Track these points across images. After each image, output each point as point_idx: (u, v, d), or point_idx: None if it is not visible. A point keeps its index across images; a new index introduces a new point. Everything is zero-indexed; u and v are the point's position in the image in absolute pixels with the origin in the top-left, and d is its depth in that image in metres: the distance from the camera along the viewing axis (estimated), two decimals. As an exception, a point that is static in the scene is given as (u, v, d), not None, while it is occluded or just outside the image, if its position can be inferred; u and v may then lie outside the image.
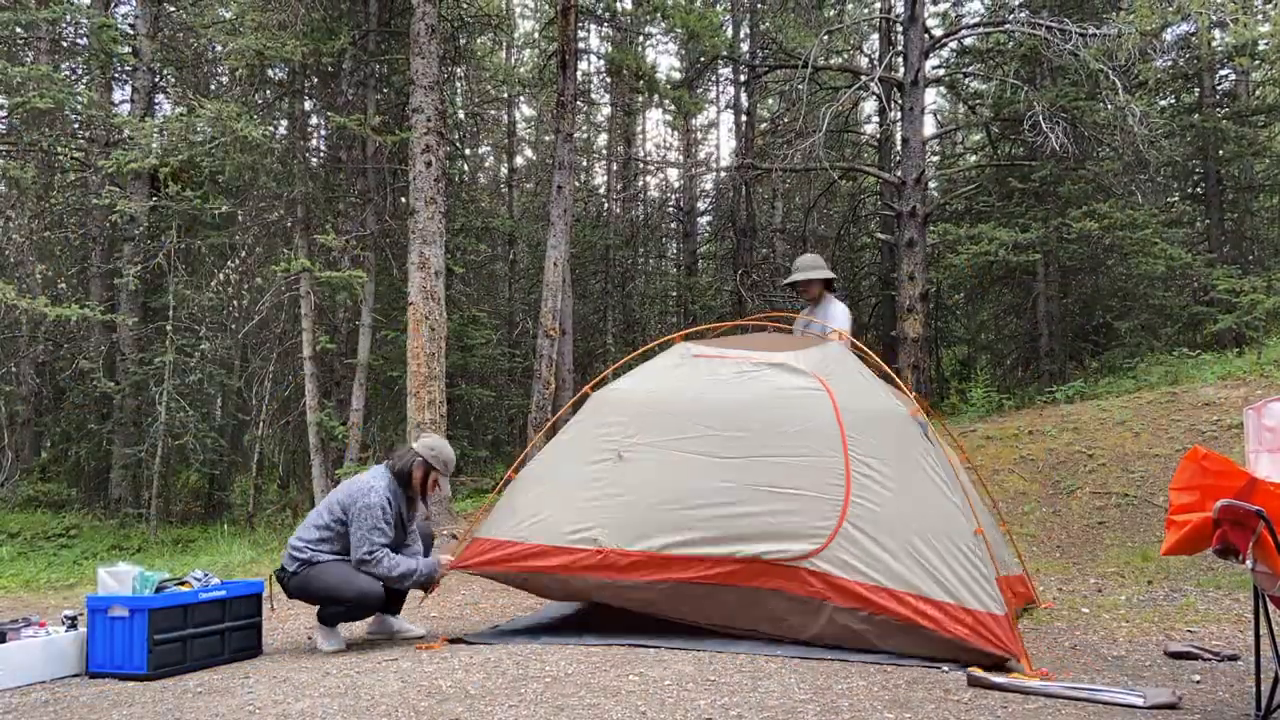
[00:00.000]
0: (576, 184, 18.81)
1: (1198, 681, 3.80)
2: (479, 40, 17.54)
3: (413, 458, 4.95)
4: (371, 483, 4.81)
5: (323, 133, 15.21)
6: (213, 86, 14.64)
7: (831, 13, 16.30)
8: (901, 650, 4.11)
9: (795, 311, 6.84)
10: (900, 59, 13.90)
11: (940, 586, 4.08)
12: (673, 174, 23.92)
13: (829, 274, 6.13)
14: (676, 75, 21.07)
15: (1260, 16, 13.73)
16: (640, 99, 20.73)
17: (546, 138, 21.34)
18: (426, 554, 5.13)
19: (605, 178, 23.59)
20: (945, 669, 3.92)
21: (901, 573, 4.14)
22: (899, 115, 14.85)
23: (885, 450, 4.47)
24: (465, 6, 13.84)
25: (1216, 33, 14.47)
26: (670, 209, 23.03)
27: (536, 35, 21.60)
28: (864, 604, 4.15)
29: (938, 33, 15.39)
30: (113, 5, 14.67)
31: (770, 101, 21.14)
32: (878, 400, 4.79)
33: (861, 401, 4.71)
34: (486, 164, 22.99)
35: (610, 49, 18.14)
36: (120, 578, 4.53)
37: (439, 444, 5.07)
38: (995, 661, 3.90)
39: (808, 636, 4.32)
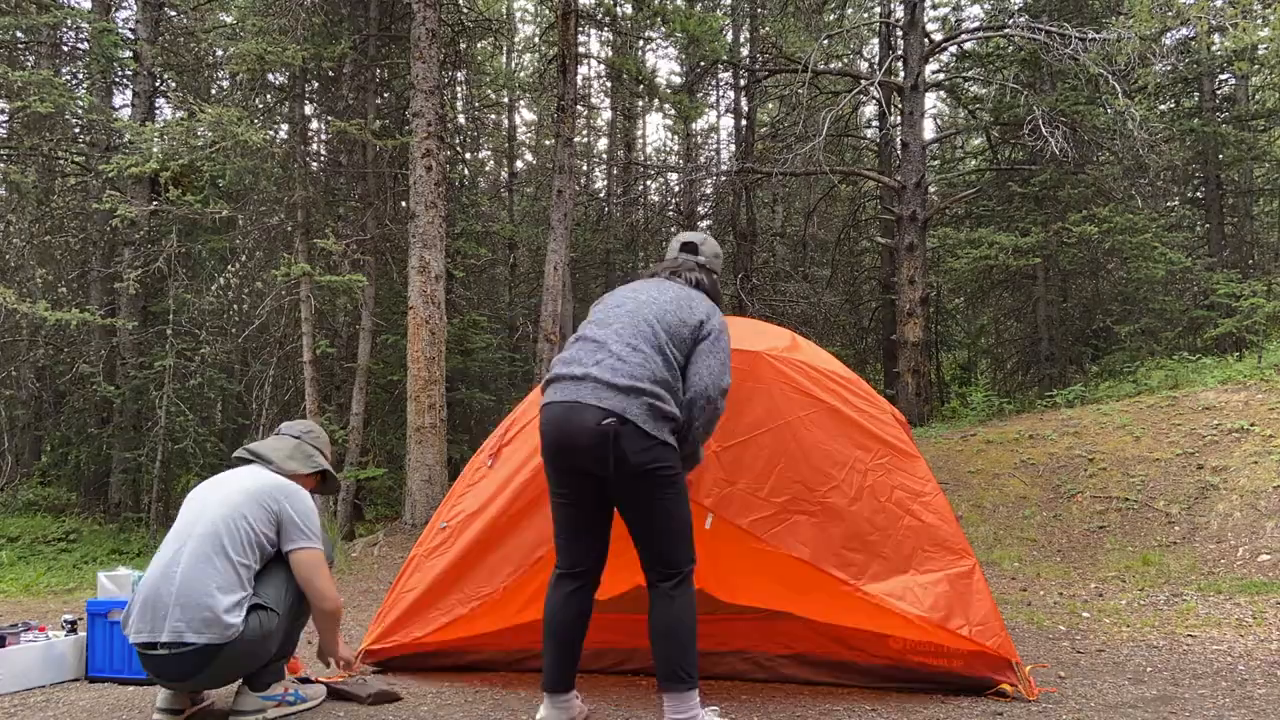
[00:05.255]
0: (577, 188, 18.80)
1: (1199, 687, 3.79)
2: (479, 45, 17.56)
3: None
4: None
5: (323, 137, 15.22)
6: (213, 91, 14.64)
7: (831, 17, 16.30)
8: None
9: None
10: (900, 63, 13.94)
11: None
12: (673, 178, 23.92)
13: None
14: (677, 79, 21.07)
15: (1259, 21, 13.73)
16: (640, 103, 20.78)
17: (547, 142, 21.36)
18: None
19: (605, 182, 23.60)
20: None
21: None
22: (899, 120, 14.87)
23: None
24: (465, 11, 13.87)
25: (1216, 37, 14.46)
26: (670, 213, 23.02)
27: (537, 40, 21.63)
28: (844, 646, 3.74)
29: (938, 37, 15.41)
30: (113, 10, 14.67)
31: (770, 106, 21.15)
32: None
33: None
34: (487, 168, 22.99)
35: (610, 53, 18.15)
36: (120, 582, 4.52)
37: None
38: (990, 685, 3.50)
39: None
